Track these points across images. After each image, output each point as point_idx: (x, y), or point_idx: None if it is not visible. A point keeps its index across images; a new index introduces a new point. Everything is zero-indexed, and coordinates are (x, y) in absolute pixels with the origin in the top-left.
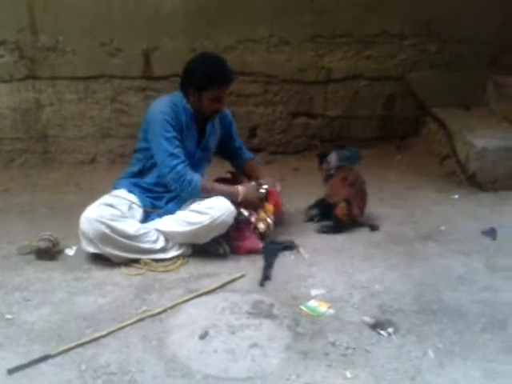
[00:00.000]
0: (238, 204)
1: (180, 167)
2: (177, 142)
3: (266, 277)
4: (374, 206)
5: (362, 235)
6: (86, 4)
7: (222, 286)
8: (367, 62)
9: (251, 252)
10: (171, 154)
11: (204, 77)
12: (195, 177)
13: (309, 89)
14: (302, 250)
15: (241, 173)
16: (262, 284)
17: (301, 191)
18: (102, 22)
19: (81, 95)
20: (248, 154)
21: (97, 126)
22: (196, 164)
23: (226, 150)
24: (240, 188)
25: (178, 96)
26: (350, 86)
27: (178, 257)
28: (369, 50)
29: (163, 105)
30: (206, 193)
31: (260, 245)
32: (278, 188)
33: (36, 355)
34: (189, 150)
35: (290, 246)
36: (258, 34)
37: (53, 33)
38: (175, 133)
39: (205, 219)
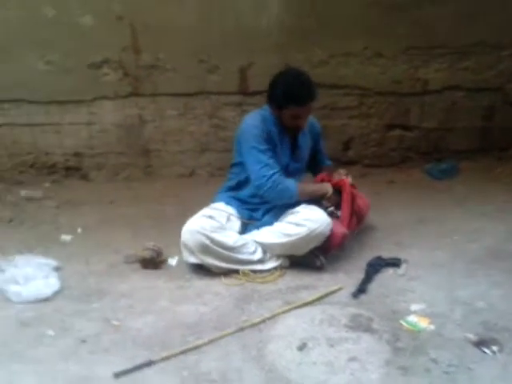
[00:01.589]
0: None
1: (276, 176)
2: (270, 153)
3: (360, 289)
4: (478, 220)
5: (463, 250)
6: (186, 23)
7: (320, 298)
8: (464, 73)
9: (341, 240)
10: (266, 165)
11: (282, 95)
12: (290, 183)
13: (404, 100)
14: (404, 266)
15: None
16: (355, 295)
17: (397, 204)
18: (200, 40)
19: (181, 111)
20: (327, 162)
21: (196, 140)
22: (290, 176)
23: (313, 159)
24: (327, 185)
25: (267, 110)
26: (446, 98)
27: (275, 268)
28: (466, 60)
29: (254, 119)
30: (301, 196)
31: (344, 229)
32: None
33: (141, 360)
34: (282, 163)
35: (394, 263)
36: (352, 47)
37: (154, 51)
38: (267, 145)
39: (302, 231)
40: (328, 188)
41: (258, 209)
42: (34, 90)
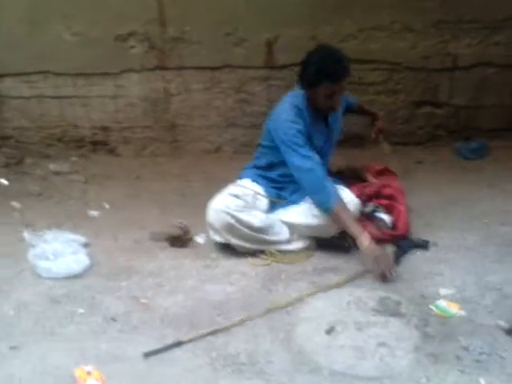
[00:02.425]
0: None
1: (317, 170)
2: (308, 147)
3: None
4: (508, 202)
5: (494, 233)
6: None
7: (348, 281)
8: (496, 49)
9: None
10: (309, 158)
11: (316, 72)
12: (332, 191)
13: (433, 76)
14: (433, 249)
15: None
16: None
17: (425, 185)
18: (226, 12)
19: (207, 85)
20: (352, 101)
21: (222, 115)
22: (322, 157)
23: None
24: (367, 237)
25: (298, 96)
26: (477, 74)
27: (302, 249)
28: (497, 35)
29: (287, 112)
30: (336, 217)
31: (375, 233)
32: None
33: (169, 340)
34: (318, 146)
35: (422, 245)
36: (381, 20)
37: (180, 24)
38: (304, 137)
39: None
40: (363, 239)
41: (287, 188)
42: (60, 62)
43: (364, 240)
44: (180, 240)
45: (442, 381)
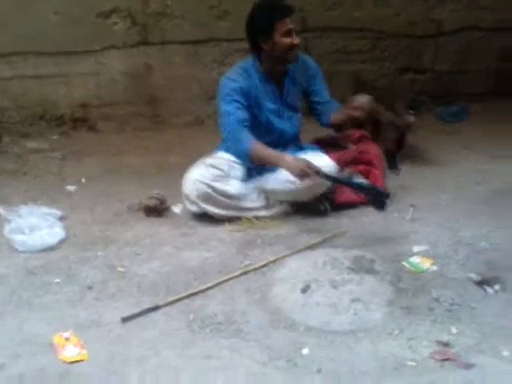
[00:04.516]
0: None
1: (234, 125)
2: (237, 104)
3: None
4: (486, 162)
5: (468, 191)
6: None
7: (323, 242)
8: (482, 12)
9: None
10: (228, 114)
11: (263, 19)
12: (247, 137)
13: (418, 43)
14: (411, 210)
15: (329, 126)
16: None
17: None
18: None
19: (190, 59)
20: (334, 104)
21: (204, 88)
22: (285, 122)
23: (313, 103)
24: (287, 157)
25: (249, 60)
26: (461, 39)
27: (279, 214)
28: None
29: (231, 70)
30: (256, 157)
31: (354, 198)
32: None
33: (146, 305)
34: (270, 109)
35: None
36: None
37: None
38: (238, 96)
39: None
40: (287, 161)
41: None
42: (42, 41)
43: (286, 158)
44: (156, 210)
45: (415, 331)
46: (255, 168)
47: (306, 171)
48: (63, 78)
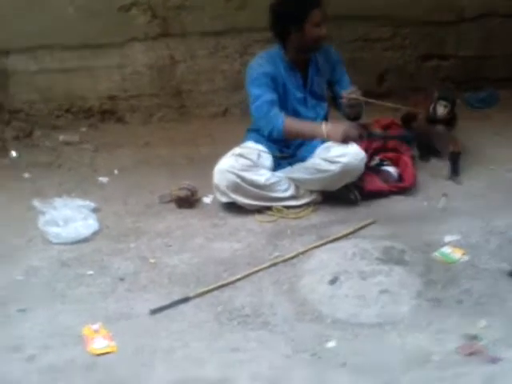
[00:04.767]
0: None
1: (266, 105)
2: (265, 88)
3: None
4: None
5: (500, 179)
6: None
7: (353, 232)
8: None
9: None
10: (258, 96)
11: (298, 7)
12: (277, 114)
13: (440, 30)
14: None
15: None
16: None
17: None
18: None
19: (211, 50)
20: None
21: (228, 79)
22: (310, 110)
23: (336, 92)
24: (323, 124)
25: (273, 49)
26: (483, 25)
27: (308, 204)
28: None
29: (257, 58)
30: (289, 131)
31: (383, 186)
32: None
33: (177, 297)
34: (297, 97)
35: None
36: None
37: None
38: (266, 79)
39: (335, 167)
40: (324, 129)
41: (289, 145)
42: (65, 35)
43: (322, 126)
44: (187, 201)
45: (443, 324)
46: (284, 158)
47: (349, 133)
48: (88, 71)
